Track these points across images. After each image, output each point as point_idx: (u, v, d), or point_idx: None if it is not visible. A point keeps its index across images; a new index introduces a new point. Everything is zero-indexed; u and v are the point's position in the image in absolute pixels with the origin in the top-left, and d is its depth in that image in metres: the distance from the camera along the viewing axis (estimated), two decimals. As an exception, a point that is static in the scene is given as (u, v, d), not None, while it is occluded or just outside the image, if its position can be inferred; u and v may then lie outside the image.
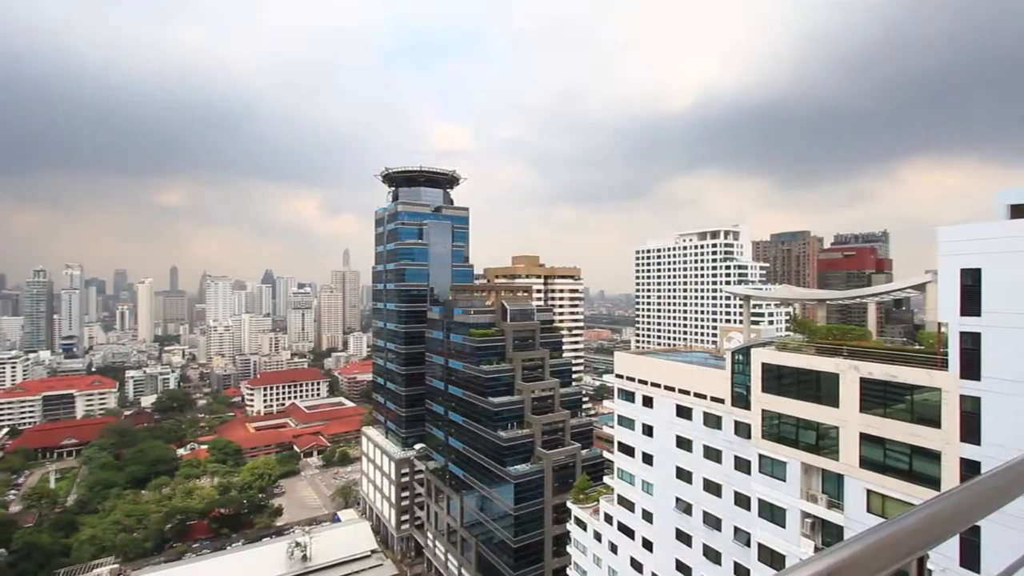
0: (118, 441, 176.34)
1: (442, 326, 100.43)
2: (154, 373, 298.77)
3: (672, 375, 51.60)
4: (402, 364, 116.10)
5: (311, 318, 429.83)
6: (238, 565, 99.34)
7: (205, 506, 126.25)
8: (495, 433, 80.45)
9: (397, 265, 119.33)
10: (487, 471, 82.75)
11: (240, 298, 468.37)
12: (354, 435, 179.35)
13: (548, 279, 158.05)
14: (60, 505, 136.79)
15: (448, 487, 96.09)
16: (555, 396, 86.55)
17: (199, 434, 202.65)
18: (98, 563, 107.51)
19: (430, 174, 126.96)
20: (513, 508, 76.33)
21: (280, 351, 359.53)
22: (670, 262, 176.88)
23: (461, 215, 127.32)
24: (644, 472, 54.41)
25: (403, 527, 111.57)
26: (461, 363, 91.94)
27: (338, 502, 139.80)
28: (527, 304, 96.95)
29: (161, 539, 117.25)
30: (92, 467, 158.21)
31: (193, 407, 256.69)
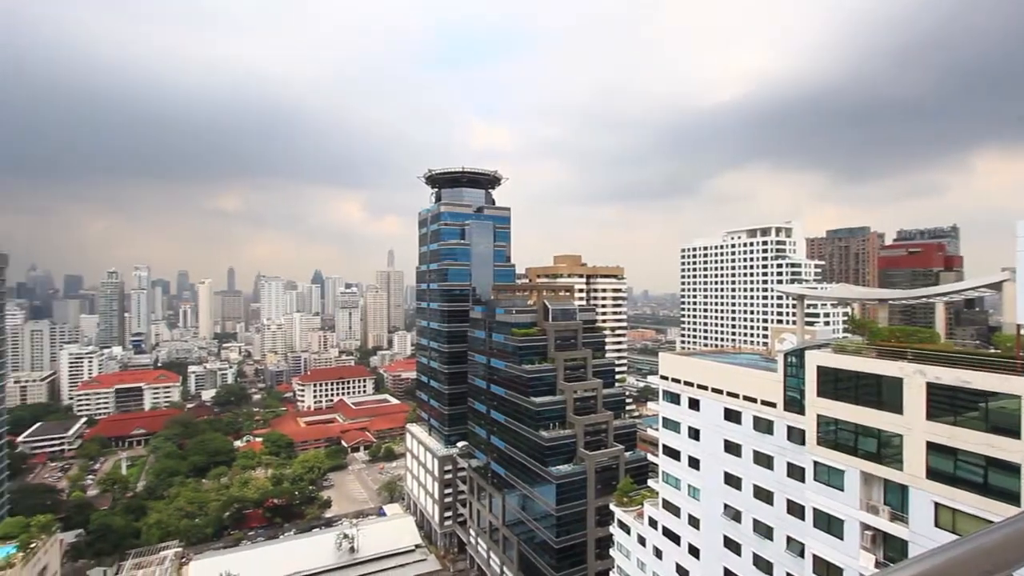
0: (181, 432, 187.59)
1: (484, 325, 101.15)
2: (213, 368, 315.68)
3: (720, 377, 49.99)
4: (445, 363, 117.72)
5: (358, 317, 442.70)
6: (291, 553, 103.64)
7: (260, 496, 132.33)
8: (537, 433, 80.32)
9: (440, 265, 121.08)
10: (529, 470, 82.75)
11: (291, 298, 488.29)
12: (399, 432, 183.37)
13: (590, 279, 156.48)
14: (131, 490, 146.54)
15: (490, 485, 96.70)
16: (598, 397, 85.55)
17: (254, 427, 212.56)
18: (164, 546, 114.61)
19: (472, 175, 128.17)
20: (555, 508, 75.97)
21: (329, 349, 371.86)
22: (717, 261, 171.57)
23: (502, 215, 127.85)
24: (690, 476, 52.99)
25: (446, 523, 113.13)
26: (503, 362, 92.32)
27: (383, 496, 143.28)
28: (569, 304, 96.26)
29: (220, 526, 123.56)
30: (159, 456, 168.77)
31: (249, 401, 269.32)
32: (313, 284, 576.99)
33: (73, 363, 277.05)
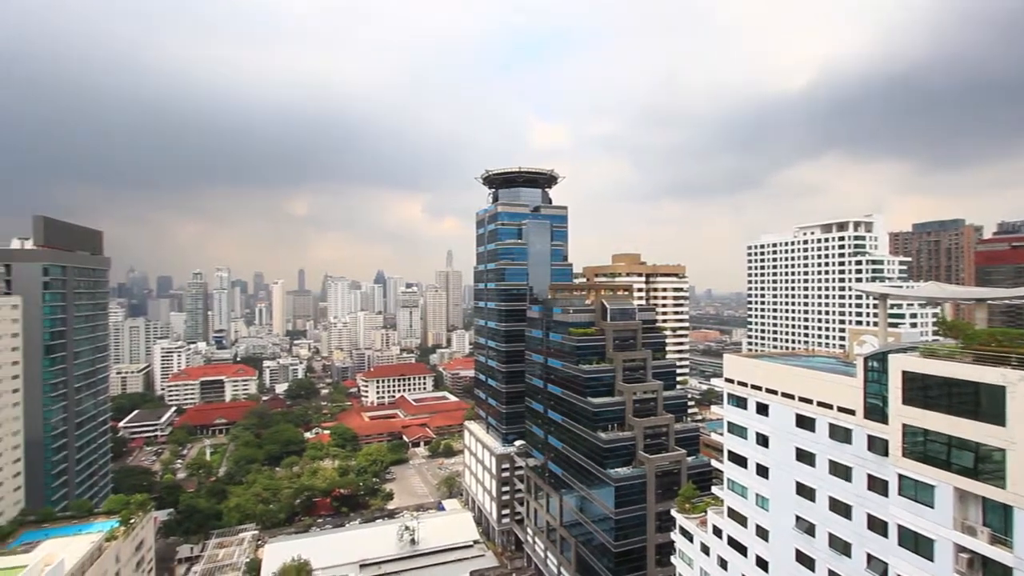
0: (257, 423, 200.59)
1: (541, 325, 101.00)
2: (286, 364, 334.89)
3: (791, 381, 47.17)
4: (502, 361, 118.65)
5: (418, 316, 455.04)
6: (356, 542, 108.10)
7: (328, 486, 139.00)
8: (595, 434, 79.24)
9: (497, 265, 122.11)
10: (587, 472, 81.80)
11: (356, 297, 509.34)
12: (457, 428, 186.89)
13: (650, 277, 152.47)
14: (214, 475, 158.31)
15: (547, 485, 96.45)
16: (658, 399, 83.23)
17: (322, 420, 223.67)
18: (242, 528, 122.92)
19: (528, 174, 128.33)
20: (614, 511, 74.64)
21: (390, 346, 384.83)
22: (788, 258, 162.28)
23: (559, 214, 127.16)
24: (758, 485, 50.38)
25: (503, 521, 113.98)
26: (560, 362, 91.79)
27: (442, 491, 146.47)
28: (628, 303, 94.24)
29: (292, 512, 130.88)
30: (237, 444, 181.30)
31: (317, 395, 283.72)
32: (376, 284, 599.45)
33: (164, 357, 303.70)
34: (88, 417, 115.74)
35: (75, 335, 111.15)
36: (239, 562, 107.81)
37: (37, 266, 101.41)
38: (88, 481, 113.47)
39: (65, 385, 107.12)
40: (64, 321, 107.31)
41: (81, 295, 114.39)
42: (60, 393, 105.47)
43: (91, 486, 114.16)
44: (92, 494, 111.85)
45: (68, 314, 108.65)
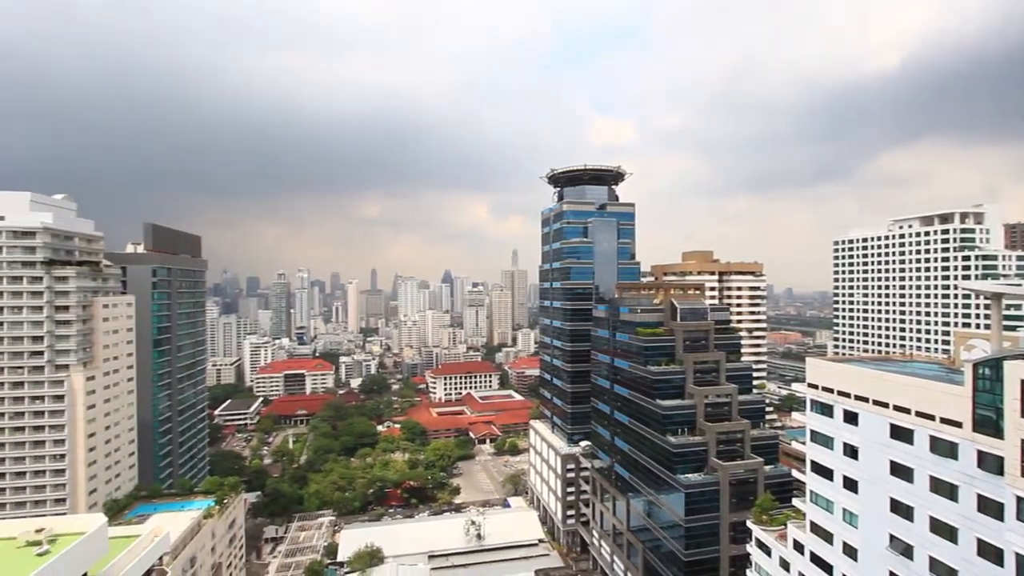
0: (334, 415, 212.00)
1: (608, 324, 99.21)
2: (359, 360, 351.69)
3: (886, 388, 43.18)
4: (568, 361, 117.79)
5: (484, 315, 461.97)
6: (424, 533, 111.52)
7: (398, 477, 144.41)
8: (664, 438, 76.70)
9: (563, 264, 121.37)
10: (655, 476, 79.37)
11: (424, 296, 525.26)
12: (522, 427, 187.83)
13: (723, 276, 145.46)
14: (296, 462, 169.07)
15: (614, 488, 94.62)
16: (732, 403, 79.19)
17: (393, 414, 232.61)
18: (321, 513, 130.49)
19: (594, 172, 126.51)
20: (684, 519, 71.89)
21: (457, 344, 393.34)
22: (881, 254, 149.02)
23: (626, 211, 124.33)
24: (846, 499, 46.57)
25: (568, 522, 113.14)
26: (627, 362, 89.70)
27: (508, 489, 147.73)
28: (699, 303, 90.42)
29: (365, 501, 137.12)
30: (316, 435, 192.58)
31: (388, 390, 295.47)
32: (443, 283, 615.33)
33: (253, 351, 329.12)
34: (189, 405, 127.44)
35: (178, 330, 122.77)
36: (318, 545, 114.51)
37: (147, 268, 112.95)
38: (189, 463, 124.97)
39: (170, 376, 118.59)
40: (169, 318, 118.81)
41: (183, 294, 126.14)
42: (166, 383, 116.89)
43: (191, 467, 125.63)
44: (192, 475, 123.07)
45: (172, 311, 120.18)
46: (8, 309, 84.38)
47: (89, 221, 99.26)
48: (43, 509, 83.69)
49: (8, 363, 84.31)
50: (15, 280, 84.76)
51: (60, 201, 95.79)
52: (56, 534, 32.19)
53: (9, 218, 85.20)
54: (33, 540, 31.41)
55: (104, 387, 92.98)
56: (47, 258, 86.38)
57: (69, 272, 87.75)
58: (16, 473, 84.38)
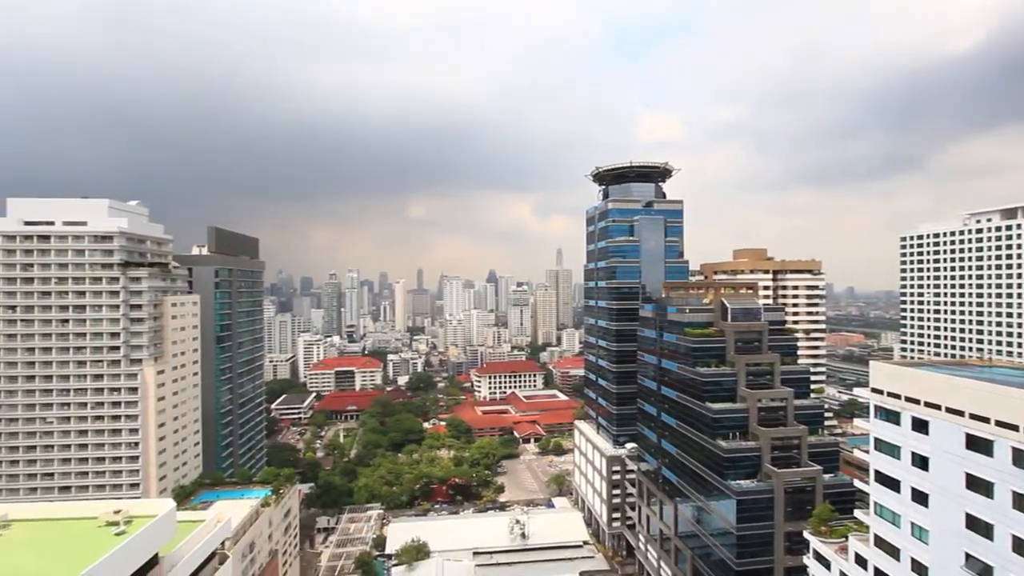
0: (382, 411, 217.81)
1: (655, 324, 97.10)
2: (406, 358, 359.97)
3: (960, 395, 40.07)
4: (613, 361, 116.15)
5: (528, 314, 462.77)
6: (469, 529, 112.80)
7: (444, 474, 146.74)
8: (714, 442, 74.24)
9: (608, 263, 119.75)
10: (704, 481, 76.98)
11: (469, 295, 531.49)
12: (567, 427, 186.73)
13: (778, 274, 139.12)
14: (346, 456, 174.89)
15: (661, 492, 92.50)
16: (787, 407, 75.70)
17: (439, 412, 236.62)
18: (370, 507, 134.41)
19: (640, 169, 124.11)
20: (735, 526, 69.34)
21: (502, 344, 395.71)
22: (955, 250, 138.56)
23: (674, 209, 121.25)
24: (914, 513, 43.54)
25: (614, 524, 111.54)
26: (675, 364, 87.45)
27: (552, 489, 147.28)
28: (752, 302, 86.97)
29: (412, 496, 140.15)
30: (365, 430, 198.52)
31: (434, 388, 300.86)
32: (488, 283, 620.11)
33: (306, 348, 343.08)
34: (248, 399, 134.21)
35: (238, 328, 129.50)
36: (367, 537, 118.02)
37: (210, 269, 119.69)
38: (248, 453, 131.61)
39: (231, 371, 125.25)
40: (230, 316, 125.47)
41: (243, 293, 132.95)
42: (227, 377, 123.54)
43: (250, 458, 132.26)
44: (250, 465, 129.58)
45: (233, 310, 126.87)
46: (90, 307, 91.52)
47: (159, 225, 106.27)
48: (119, 492, 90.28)
49: (90, 357, 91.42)
50: (96, 280, 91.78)
51: (134, 207, 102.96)
52: (131, 516, 34.60)
53: (91, 223, 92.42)
54: (112, 520, 33.89)
55: (172, 381, 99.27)
56: (123, 260, 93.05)
57: (142, 273, 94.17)
58: (96, 459, 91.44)
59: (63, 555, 30.03)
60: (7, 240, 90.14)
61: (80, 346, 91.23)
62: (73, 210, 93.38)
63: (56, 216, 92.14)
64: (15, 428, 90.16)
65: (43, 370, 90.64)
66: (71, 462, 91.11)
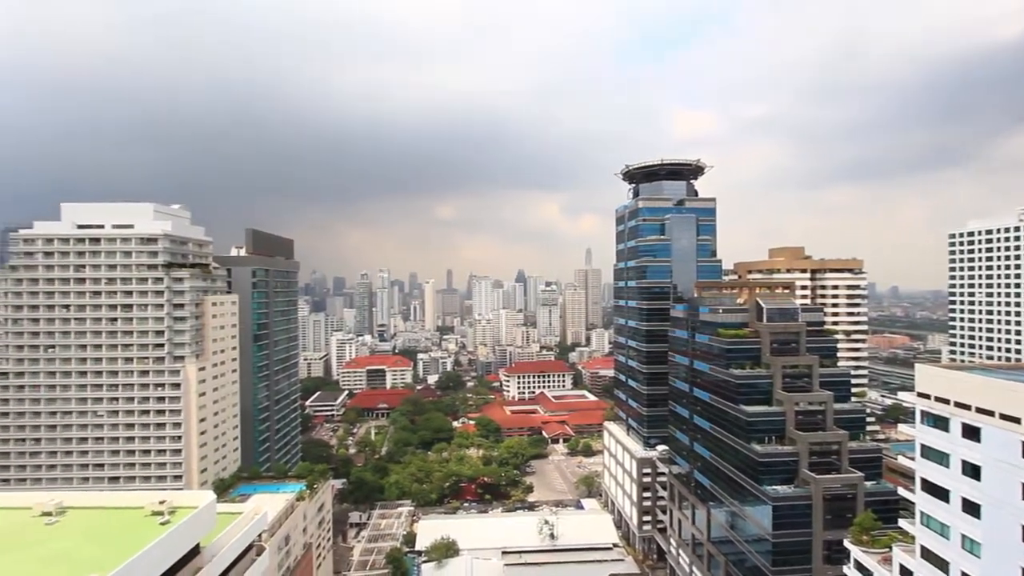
0: (412, 409, 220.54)
1: (686, 325, 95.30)
2: (436, 357, 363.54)
3: (1016, 401, 37.91)
4: (643, 362, 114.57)
5: (557, 314, 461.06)
6: (498, 529, 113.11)
7: (473, 473, 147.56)
8: (748, 446, 72.35)
9: (638, 262, 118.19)
10: (739, 486, 75.10)
11: (498, 295, 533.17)
12: (596, 428, 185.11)
13: (816, 273, 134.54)
14: (377, 453, 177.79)
15: (693, 495, 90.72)
16: (826, 411, 73.14)
17: (468, 411, 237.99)
18: (400, 503, 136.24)
19: (671, 166, 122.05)
20: (771, 533, 67.40)
21: (530, 343, 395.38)
22: (1009, 247, 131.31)
23: (706, 207, 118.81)
24: (965, 525, 41.42)
25: (644, 528, 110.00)
26: (707, 365, 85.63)
27: (581, 490, 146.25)
28: (788, 303, 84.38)
29: (441, 494, 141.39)
30: (396, 428, 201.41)
31: (463, 387, 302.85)
32: (517, 283, 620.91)
33: (339, 347, 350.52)
34: (284, 395, 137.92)
35: (274, 327, 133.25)
36: (398, 533, 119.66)
37: (248, 269, 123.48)
38: (283, 449, 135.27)
39: (268, 368, 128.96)
40: (267, 315, 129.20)
41: (278, 293, 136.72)
42: (264, 375, 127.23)
43: (285, 453, 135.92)
44: (285, 460, 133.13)
45: (269, 309, 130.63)
46: (136, 306, 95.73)
47: (200, 227, 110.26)
48: (164, 484, 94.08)
49: (136, 354, 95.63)
50: (141, 281, 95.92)
51: (177, 210, 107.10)
52: (174, 507, 35.97)
53: (137, 226, 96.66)
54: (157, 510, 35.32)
55: (212, 377, 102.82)
56: (167, 261, 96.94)
57: (184, 274, 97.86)
58: (142, 451, 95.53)
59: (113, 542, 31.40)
60: (61, 243, 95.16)
61: (127, 343, 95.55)
62: (121, 214, 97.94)
63: (105, 220, 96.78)
64: (69, 421, 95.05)
65: (94, 366, 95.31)
66: (119, 454, 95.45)
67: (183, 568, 31.79)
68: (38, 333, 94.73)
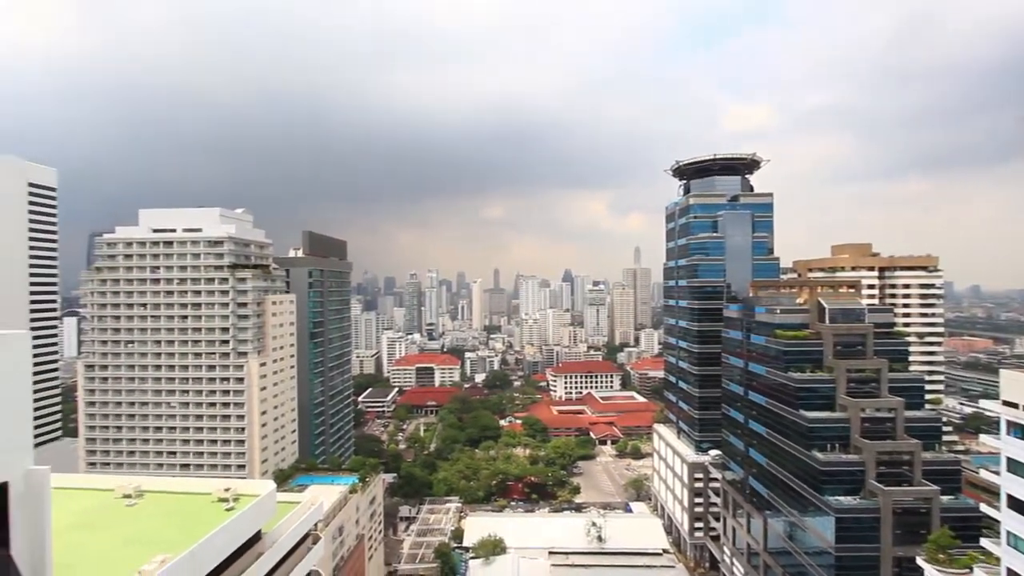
0: (460, 407, 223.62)
1: (741, 326, 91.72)
2: (483, 356, 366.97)
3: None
4: (695, 364, 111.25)
5: (605, 314, 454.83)
6: (544, 528, 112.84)
7: (519, 472, 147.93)
8: (809, 453, 68.78)
9: (689, 261, 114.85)
10: (798, 495, 71.52)
11: (545, 295, 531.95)
12: (645, 430, 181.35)
13: (884, 271, 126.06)
14: (426, 449, 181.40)
15: (749, 503, 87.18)
16: (897, 419, 68.46)
17: (515, 410, 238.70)
18: (448, 499, 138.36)
19: (724, 161, 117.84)
20: (833, 547, 63.79)
21: (578, 343, 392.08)
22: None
23: (762, 202, 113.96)
24: (1061, 547, 37.66)
25: (696, 534, 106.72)
26: (763, 367, 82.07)
27: (630, 493, 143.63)
28: (853, 302, 79.62)
29: (488, 491, 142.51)
30: (444, 425, 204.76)
31: (510, 386, 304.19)
32: (564, 282, 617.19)
33: (389, 345, 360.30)
34: (337, 391, 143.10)
35: (329, 325, 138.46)
36: (446, 528, 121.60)
37: (304, 270, 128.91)
38: (337, 442, 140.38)
39: (323, 365, 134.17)
40: (322, 314, 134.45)
41: (333, 293, 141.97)
42: (319, 371, 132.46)
43: (339, 447, 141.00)
44: (339, 453, 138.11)
45: (324, 308, 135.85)
46: (204, 305, 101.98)
47: (260, 230, 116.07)
48: (228, 472, 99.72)
49: (204, 349, 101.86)
50: (209, 281, 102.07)
51: (240, 214, 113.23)
52: (238, 494, 37.92)
53: (205, 230, 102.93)
54: (222, 497, 37.36)
55: (272, 372, 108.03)
56: (231, 263, 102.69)
57: (247, 274, 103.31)
58: (210, 440, 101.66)
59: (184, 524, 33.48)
60: (139, 246, 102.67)
61: (196, 339, 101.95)
62: (191, 219, 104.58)
63: (177, 224, 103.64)
64: (146, 411, 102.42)
65: (168, 360, 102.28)
66: (189, 443, 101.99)
67: (246, 552, 33.48)
68: (119, 329, 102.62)
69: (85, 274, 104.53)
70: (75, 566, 26.07)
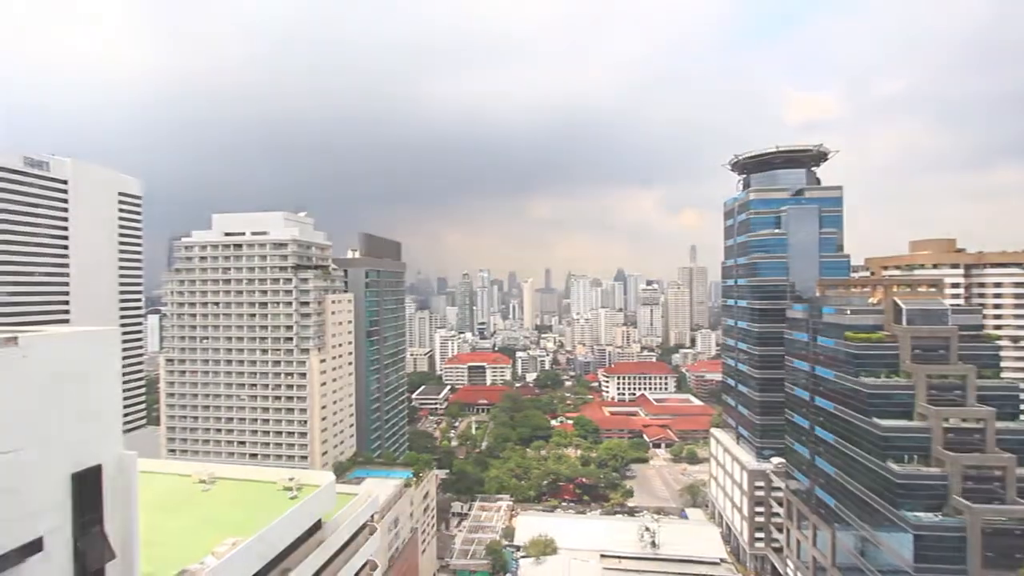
0: (511, 406, 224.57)
1: (806, 327, 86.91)
2: (534, 355, 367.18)
3: None
4: (755, 367, 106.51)
5: (659, 314, 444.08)
6: (596, 531, 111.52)
7: (571, 472, 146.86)
8: (884, 464, 64.20)
9: (749, 259, 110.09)
10: (871, 509, 66.92)
11: (597, 294, 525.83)
12: (701, 434, 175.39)
13: (971, 269, 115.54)
14: (478, 447, 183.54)
15: (815, 515, 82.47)
16: (987, 430, 62.65)
17: (566, 410, 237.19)
18: (499, 497, 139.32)
19: (787, 153, 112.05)
20: (912, 566, 59.24)
21: (631, 344, 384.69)
22: None
23: (831, 196, 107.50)
24: None
25: (756, 545, 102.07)
26: (832, 372, 77.35)
27: (685, 499, 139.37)
28: (935, 303, 73.55)
29: (539, 491, 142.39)
30: (496, 423, 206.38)
31: (561, 386, 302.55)
32: (616, 281, 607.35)
33: (442, 343, 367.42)
34: (392, 388, 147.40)
35: (385, 323, 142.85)
36: (496, 526, 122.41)
37: (361, 271, 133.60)
38: (392, 438, 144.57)
39: (379, 362, 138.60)
40: (378, 313, 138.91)
41: (388, 292, 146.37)
42: (376, 368, 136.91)
43: (394, 442, 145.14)
44: (394, 448, 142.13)
45: (380, 307, 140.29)
46: (270, 304, 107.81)
47: (321, 232, 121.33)
48: (292, 463, 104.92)
49: (271, 346, 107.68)
50: (274, 281, 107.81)
51: (302, 217, 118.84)
52: (301, 483, 39.87)
53: (271, 233, 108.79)
54: (287, 486, 39.39)
55: (332, 369, 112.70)
56: (295, 264, 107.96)
57: (309, 275, 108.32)
58: (276, 432, 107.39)
59: (253, 510, 35.54)
60: (212, 248, 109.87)
61: (263, 336, 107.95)
62: (258, 222, 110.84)
63: (246, 227, 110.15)
64: (219, 403, 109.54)
65: (238, 356, 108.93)
66: (256, 433, 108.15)
67: (307, 540, 35.10)
68: (195, 326, 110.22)
69: (166, 275, 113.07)
70: (157, 543, 28.23)
